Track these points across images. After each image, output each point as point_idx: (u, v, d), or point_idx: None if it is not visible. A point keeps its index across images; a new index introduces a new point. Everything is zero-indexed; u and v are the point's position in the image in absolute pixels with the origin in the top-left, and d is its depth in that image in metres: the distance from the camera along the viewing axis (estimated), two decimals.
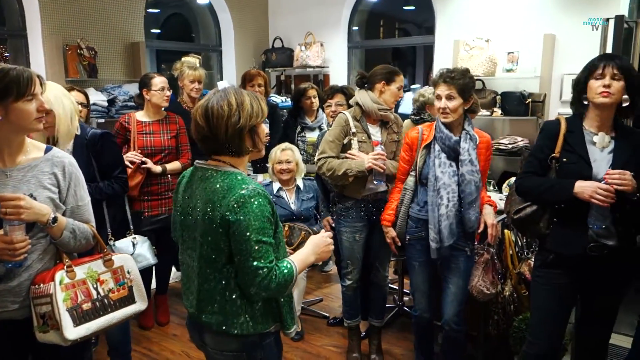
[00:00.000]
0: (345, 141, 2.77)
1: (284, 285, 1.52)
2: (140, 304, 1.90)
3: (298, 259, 1.61)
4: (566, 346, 2.58)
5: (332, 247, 1.73)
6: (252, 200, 1.48)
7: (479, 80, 4.61)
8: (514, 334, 2.63)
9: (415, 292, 2.64)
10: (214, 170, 1.59)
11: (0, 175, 1.62)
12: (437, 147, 2.44)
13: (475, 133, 2.46)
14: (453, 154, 2.41)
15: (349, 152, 2.75)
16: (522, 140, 4.37)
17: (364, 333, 3.23)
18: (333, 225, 3.07)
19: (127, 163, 3.04)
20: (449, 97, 2.35)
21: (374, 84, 2.77)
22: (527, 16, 4.50)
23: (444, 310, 2.53)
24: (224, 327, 1.57)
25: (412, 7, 6.73)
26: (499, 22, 4.62)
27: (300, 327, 1.74)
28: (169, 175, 3.30)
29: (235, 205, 1.47)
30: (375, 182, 2.71)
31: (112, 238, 2.63)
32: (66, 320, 1.63)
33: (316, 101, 3.98)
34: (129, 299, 1.86)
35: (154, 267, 3.49)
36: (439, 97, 2.39)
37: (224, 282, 1.56)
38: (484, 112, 4.47)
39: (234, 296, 1.56)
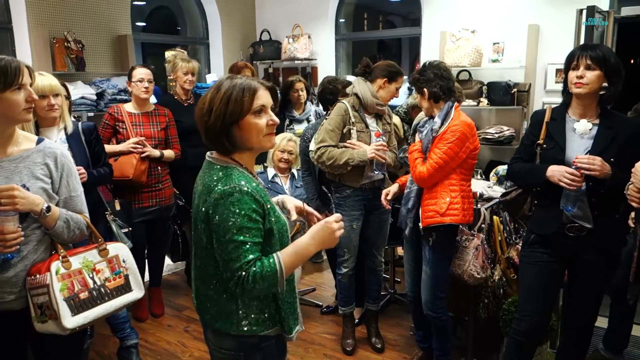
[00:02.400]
0: (344, 130, 2.81)
1: (264, 281, 1.38)
2: (137, 292, 1.90)
3: (288, 252, 1.46)
4: (554, 326, 2.66)
5: (341, 231, 1.51)
6: (230, 197, 1.39)
7: (465, 71, 4.68)
8: (504, 316, 2.71)
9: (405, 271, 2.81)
10: (212, 163, 1.51)
11: None
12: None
13: (456, 119, 2.47)
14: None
15: (348, 141, 2.79)
16: (508, 130, 4.45)
17: (357, 320, 3.30)
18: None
19: (130, 147, 3.12)
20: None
21: (376, 78, 2.82)
22: (511, 7, 4.57)
23: (422, 296, 2.64)
24: (218, 325, 1.53)
25: None
26: (485, 13, 4.69)
27: (302, 327, 1.69)
28: (159, 167, 3.31)
29: (214, 202, 1.40)
30: (375, 171, 2.77)
31: (116, 219, 2.69)
32: (64, 309, 1.64)
33: (304, 94, 4.05)
34: (125, 288, 1.86)
35: (146, 260, 3.53)
36: None
37: (215, 282, 1.51)
38: (470, 102, 4.55)
39: (226, 295, 1.50)
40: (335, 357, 3.05)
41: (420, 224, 2.52)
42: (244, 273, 1.37)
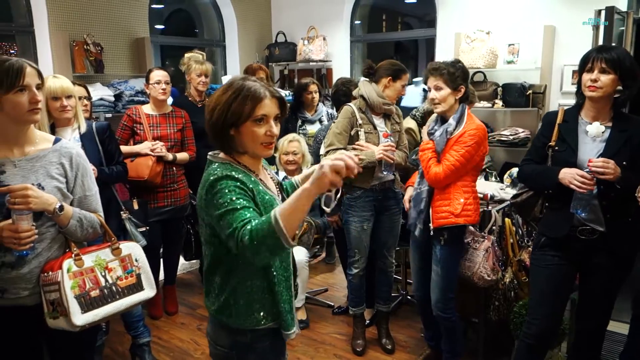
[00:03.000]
0: (352, 132, 2.84)
1: (260, 234, 1.32)
2: (148, 291, 1.92)
3: (284, 203, 1.34)
4: (565, 330, 2.64)
5: (336, 162, 1.28)
6: (219, 182, 1.43)
7: (480, 72, 4.66)
8: (515, 319, 2.69)
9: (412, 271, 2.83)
10: (213, 161, 1.55)
11: (9, 165, 1.66)
12: None
13: (471, 123, 2.48)
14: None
15: (357, 143, 2.82)
16: (523, 132, 4.42)
17: (368, 321, 3.31)
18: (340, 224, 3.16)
19: (147, 151, 3.19)
20: (437, 88, 2.45)
21: (380, 78, 2.84)
22: (527, 8, 4.54)
23: (431, 296, 2.64)
24: (217, 316, 1.57)
25: (414, 1, 6.77)
26: (500, 14, 4.66)
27: (298, 329, 1.69)
28: (174, 168, 3.37)
29: (207, 190, 1.45)
30: (384, 172, 2.79)
31: (131, 217, 2.75)
32: (74, 306, 1.67)
33: (317, 96, 4.11)
34: (137, 286, 1.88)
35: (162, 259, 3.59)
36: (430, 89, 2.50)
37: (218, 269, 1.55)
38: (485, 103, 4.53)
39: (227, 285, 1.53)
40: (345, 357, 3.06)
41: (430, 225, 2.53)
42: (239, 230, 1.35)
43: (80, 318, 1.68)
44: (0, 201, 1.60)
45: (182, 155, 3.40)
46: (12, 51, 4.58)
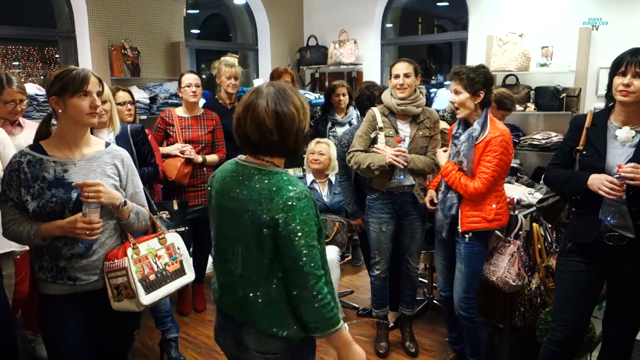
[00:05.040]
0: (372, 135, 2.87)
1: (328, 313, 1.48)
2: (190, 275, 2.14)
3: (348, 336, 1.55)
4: (593, 339, 2.58)
5: None
6: (300, 202, 1.45)
7: (512, 75, 4.59)
8: (540, 325, 2.65)
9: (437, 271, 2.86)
10: (256, 168, 1.53)
11: (70, 165, 1.85)
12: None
13: (494, 128, 2.48)
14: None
15: (375, 146, 2.85)
16: (556, 136, 4.32)
17: (392, 324, 3.31)
18: (364, 227, 3.19)
19: (177, 153, 3.29)
20: (456, 92, 2.49)
21: (389, 79, 2.91)
22: (562, 9, 4.45)
23: (454, 295, 2.64)
24: (268, 328, 1.53)
25: (446, 3, 6.71)
26: (533, 17, 4.58)
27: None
28: (205, 168, 3.46)
29: (284, 208, 1.43)
30: (396, 177, 2.80)
31: (162, 216, 2.87)
32: (140, 289, 1.89)
33: (345, 98, 4.14)
34: (181, 271, 2.10)
35: (191, 258, 3.69)
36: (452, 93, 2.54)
37: (267, 283, 1.51)
38: (517, 107, 4.44)
39: (284, 297, 1.51)
40: (368, 359, 3.07)
41: (459, 228, 2.54)
42: (317, 279, 1.45)
43: (146, 298, 1.90)
44: (67, 197, 1.80)
45: (212, 157, 3.49)
46: (57, 56, 4.81)
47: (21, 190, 1.79)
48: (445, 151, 2.72)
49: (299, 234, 1.44)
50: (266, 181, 1.50)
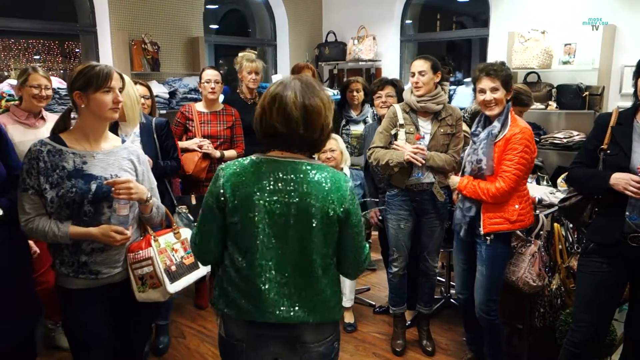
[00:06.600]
0: (393, 132, 2.85)
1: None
2: (203, 269, 2.17)
3: None
4: (614, 341, 2.54)
5: None
6: (353, 191, 1.57)
7: (534, 73, 4.52)
8: (560, 327, 2.62)
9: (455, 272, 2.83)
10: (301, 162, 1.52)
11: (89, 157, 1.89)
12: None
13: (515, 126, 2.45)
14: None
15: (395, 142, 2.83)
16: (578, 135, 4.25)
17: (409, 322, 3.30)
18: (380, 217, 3.17)
19: (195, 147, 3.31)
20: (494, 90, 2.42)
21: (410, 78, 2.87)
22: (585, 7, 4.37)
23: (475, 297, 2.61)
24: (324, 319, 1.58)
25: (466, 0, 6.65)
26: (556, 13, 4.51)
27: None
28: (222, 163, 3.47)
29: (350, 197, 1.53)
30: (414, 175, 2.79)
31: (180, 212, 2.89)
32: (165, 278, 1.97)
33: (359, 95, 3.92)
34: (195, 265, 2.14)
35: None
36: (482, 91, 2.45)
37: (328, 274, 1.57)
38: (538, 105, 4.39)
39: (337, 286, 1.63)
40: (384, 356, 3.07)
41: (481, 230, 2.49)
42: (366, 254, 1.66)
43: (171, 287, 1.98)
44: (86, 188, 1.82)
45: (230, 153, 3.49)
46: (77, 50, 4.86)
47: (40, 178, 1.81)
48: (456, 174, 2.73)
49: (359, 217, 1.58)
50: (325, 174, 1.52)
